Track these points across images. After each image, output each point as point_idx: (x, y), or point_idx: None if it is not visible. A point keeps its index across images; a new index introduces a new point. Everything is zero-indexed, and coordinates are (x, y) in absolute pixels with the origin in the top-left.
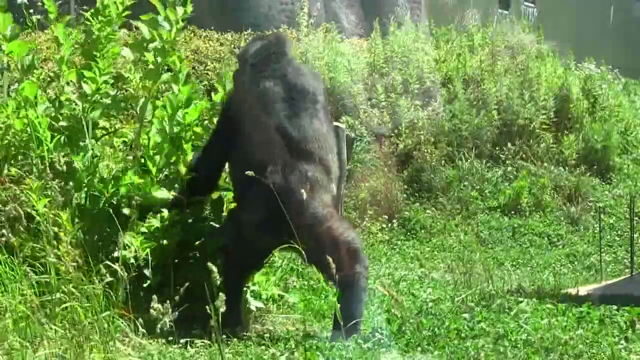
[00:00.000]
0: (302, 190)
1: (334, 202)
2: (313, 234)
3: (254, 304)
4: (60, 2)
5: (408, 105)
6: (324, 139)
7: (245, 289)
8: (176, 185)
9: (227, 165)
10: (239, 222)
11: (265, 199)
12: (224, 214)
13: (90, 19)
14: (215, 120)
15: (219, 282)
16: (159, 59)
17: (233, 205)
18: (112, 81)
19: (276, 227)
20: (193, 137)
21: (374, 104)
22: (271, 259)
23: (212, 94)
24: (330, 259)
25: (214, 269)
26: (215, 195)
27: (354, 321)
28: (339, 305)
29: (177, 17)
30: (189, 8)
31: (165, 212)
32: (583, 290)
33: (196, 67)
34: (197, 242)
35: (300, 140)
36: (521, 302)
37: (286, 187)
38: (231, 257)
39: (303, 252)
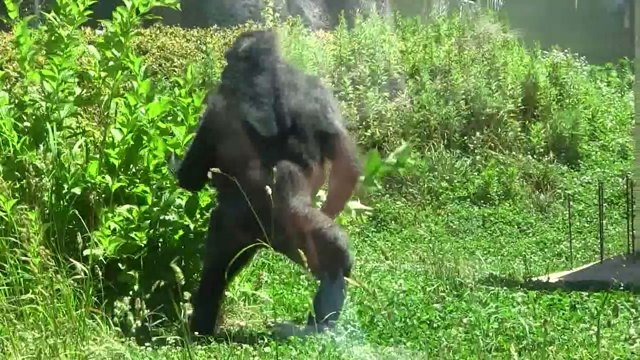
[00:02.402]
0: (284, 189)
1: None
2: (296, 233)
3: (227, 294)
4: (21, 2)
5: (375, 97)
6: (309, 137)
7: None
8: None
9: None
10: (219, 221)
11: (245, 198)
12: (198, 215)
13: (52, 18)
14: (180, 113)
15: (183, 282)
16: (117, 54)
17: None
18: (77, 80)
19: (256, 226)
20: (158, 132)
21: (342, 96)
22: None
23: (176, 89)
24: (310, 254)
25: (177, 269)
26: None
27: (329, 315)
28: (312, 300)
29: (129, 11)
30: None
31: (135, 208)
32: (554, 278)
33: (163, 64)
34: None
35: (284, 138)
36: (492, 290)
37: (267, 187)
38: (211, 259)
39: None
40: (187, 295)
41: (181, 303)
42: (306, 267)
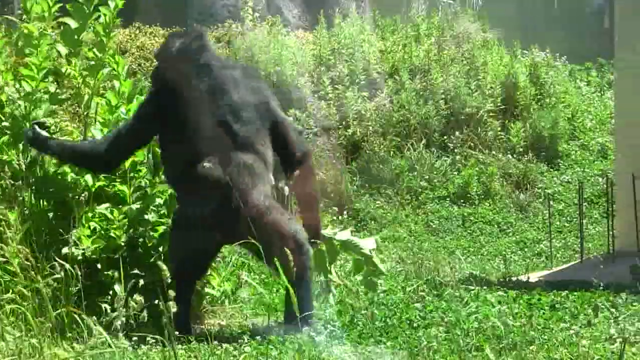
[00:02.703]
0: (243, 182)
1: (274, 192)
2: (257, 226)
3: (208, 290)
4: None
5: (355, 96)
6: (258, 128)
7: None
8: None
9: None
10: (180, 221)
11: (204, 194)
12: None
13: (19, 17)
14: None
15: (170, 281)
16: (99, 54)
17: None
18: (52, 78)
19: (218, 222)
20: None
21: (321, 96)
22: (220, 255)
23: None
24: (278, 251)
25: (164, 267)
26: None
27: (305, 314)
28: (290, 298)
29: (111, 10)
30: (120, 2)
31: (115, 208)
32: (534, 277)
33: (142, 64)
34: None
35: (235, 131)
36: (472, 290)
37: (226, 180)
38: (176, 258)
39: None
40: (172, 293)
41: (164, 301)
42: (288, 269)
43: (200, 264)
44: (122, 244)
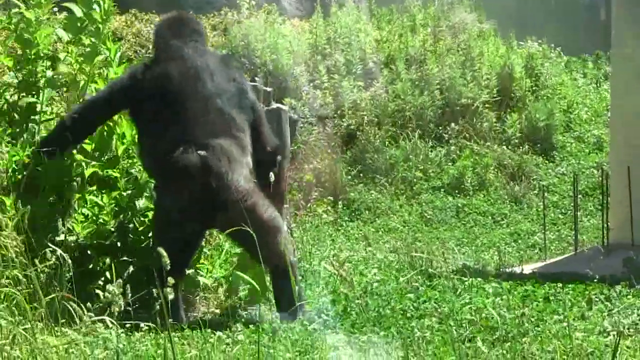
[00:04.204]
0: (221, 167)
1: (253, 175)
2: (238, 210)
3: (201, 279)
4: None
5: (351, 86)
6: (235, 115)
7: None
8: None
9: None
10: (159, 210)
11: (182, 182)
12: None
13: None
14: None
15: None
16: (95, 41)
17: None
18: (49, 63)
19: (197, 209)
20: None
21: (317, 85)
22: (215, 242)
23: None
24: (262, 242)
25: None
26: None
27: (299, 302)
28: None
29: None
30: None
31: (105, 194)
32: (527, 269)
33: (138, 51)
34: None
35: (211, 118)
36: (466, 280)
37: (204, 165)
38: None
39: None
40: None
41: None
42: (265, 255)
43: (183, 252)
44: (112, 229)
